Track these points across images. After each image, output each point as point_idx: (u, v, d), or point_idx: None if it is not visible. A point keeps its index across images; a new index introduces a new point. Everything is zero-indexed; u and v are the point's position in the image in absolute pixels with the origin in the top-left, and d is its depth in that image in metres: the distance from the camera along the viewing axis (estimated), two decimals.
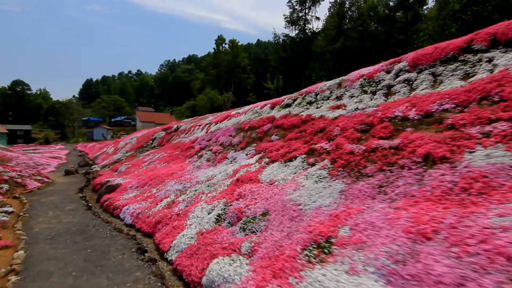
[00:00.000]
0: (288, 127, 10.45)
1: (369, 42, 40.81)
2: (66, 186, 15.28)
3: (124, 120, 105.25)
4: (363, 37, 41.02)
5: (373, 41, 41.06)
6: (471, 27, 41.73)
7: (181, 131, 21.68)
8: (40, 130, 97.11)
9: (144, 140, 25.57)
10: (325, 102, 10.58)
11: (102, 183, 14.02)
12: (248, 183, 7.67)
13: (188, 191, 9.22)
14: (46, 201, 11.85)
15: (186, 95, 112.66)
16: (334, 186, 5.84)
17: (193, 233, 6.29)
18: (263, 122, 12.11)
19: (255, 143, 11.16)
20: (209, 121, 18.78)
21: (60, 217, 9.46)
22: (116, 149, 30.82)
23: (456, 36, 43.87)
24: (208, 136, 15.47)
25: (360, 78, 10.10)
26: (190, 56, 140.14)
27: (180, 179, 10.67)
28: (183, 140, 18.11)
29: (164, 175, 11.90)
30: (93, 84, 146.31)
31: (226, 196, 7.42)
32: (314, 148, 7.90)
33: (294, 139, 9.33)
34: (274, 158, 8.63)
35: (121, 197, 11.18)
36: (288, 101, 12.66)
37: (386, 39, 41.82)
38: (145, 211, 8.83)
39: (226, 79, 48.00)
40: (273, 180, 7.28)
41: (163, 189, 10.21)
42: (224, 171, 9.66)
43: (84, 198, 12.51)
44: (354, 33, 41.65)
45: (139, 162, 17.45)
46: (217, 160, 11.72)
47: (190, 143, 16.36)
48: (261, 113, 13.66)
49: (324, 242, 4.40)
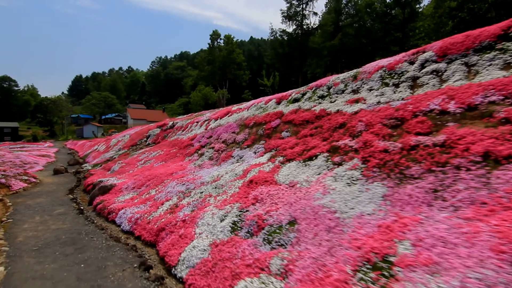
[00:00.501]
0: (300, 123, 9.55)
1: (366, 39, 40.23)
2: (55, 187, 14.09)
3: (115, 118, 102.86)
4: (360, 34, 40.43)
5: (369, 38, 40.50)
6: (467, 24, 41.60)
7: (177, 128, 20.58)
8: (28, 128, 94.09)
9: (138, 138, 24.35)
10: (339, 96, 9.72)
11: (94, 184, 12.90)
12: (264, 185, 6.76)
13: (193, 193, 8.25)
14: (32, 203, 10.70)
15: (178, 93, 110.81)
16: (373, 189, 4.98)
17: (205, 244, 5.34)
18: (271, 117, 11.19)
19: (263, 140, 10.24)
20: (207, 117, 17.76)
21: (48, 222, 8.37)
22: (108, 147, 29.47)
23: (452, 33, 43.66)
24: (208, 133, 14.48)
25: (379, 70, 9.27)
26: (182, 53, 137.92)
27: (182, 179, 9.68)
28: (181, 138, 17.05)
29: (163, 175, 10.89)
30: (82, 81, 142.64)
31: (239, 200, 6.49)
32: (336, 145, 7.03)
33: (310, 136, 8.44)
34: (290, 156, 7.73)
35: (116, 199, 10.13)
36: (296, 95, 11.76)
37: (382, 36, 41.32)
38: (145, 216, 7.84)
39: (221, 75, 46.74)
40: (293, 182, 6.37)
41: (164, 191, 9.21)
42: (231, 171, 8.72)
43: (75, 200, 11.39)
44: (351, 29, 41.02)
45: (133, 161, 16.34)
46: (221, 159, 10.76)
47: (188, 140, 15.33)
48: (266, 108, 12.73)
49: (380, 261, 3.52)
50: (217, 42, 47.59)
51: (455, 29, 41.41)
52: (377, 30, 40.84)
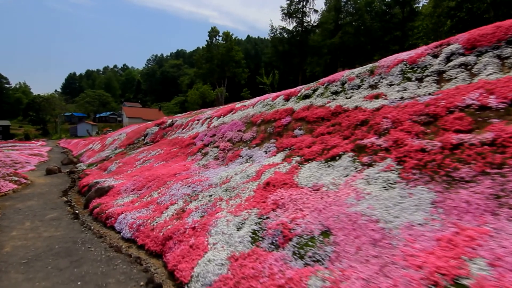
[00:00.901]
0: (314, 120, 8.88)
1: (365, 37, 39.77)
2: (48, 188, 13.21)
3: (109, 116, 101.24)
4: (360, 33, 39.95)
5: (369, 36, 40.05)
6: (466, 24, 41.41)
7: (176, 126, 19.78)
8: (20, 126, 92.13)
9: (135, 136, 23.47)
10: (356, 92, 9.07)
11: (90, 185, 12.08)
12: (283, 188, 6.07)
13: (200, 196, 7.52)
14: (22, 207, 9.85)
15: (174, 91, 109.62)
16: (418, 194, 4.32)
17: (223, 258, 4.63)
18: (280, 115, 10.50)
19: (274, 138, 9.55)
20: (209, 115, 17.00)
21: (40, 229, 7.56)
22: (103, 145, 28.50)
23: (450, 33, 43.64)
24: (212, 131, 13.73)
25: (399, 64, 8.63)
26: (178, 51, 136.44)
27: (187, 181, 8.94)
28: (181, 136, 16.27)
29: (165, 176, 10.13)
30: (76, 79, 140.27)
31: (257, 205, 5.79)
32: (361, 144, 6.37)
33: (328, 134, 7.77)
34: (308, 156, 7.04)
35: (115, 202, 9.35)
36: (306, 91, 11.09)
37: (382, 35, 40.91)
38: (148, 221, 7.09)
39: (219, 73, 45.79)
40: (317, 185, 5.69)
41: (167, 193, 8.46)
42: (242, 172, 8.00)
43: (69, 203, 10.56)
44: (350, 28, 40.52)
45: (131, 160, 15.51)
46: (228, 159, 10.03)
47: (190, 139, 14.57)
48: (274, 105, 12.03)
49: (452, 286, 2.86)
50: (216, 39, 46.69)
51: (453, 28, 41.20)
52: (377, 29, 40.39)
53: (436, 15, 41.61)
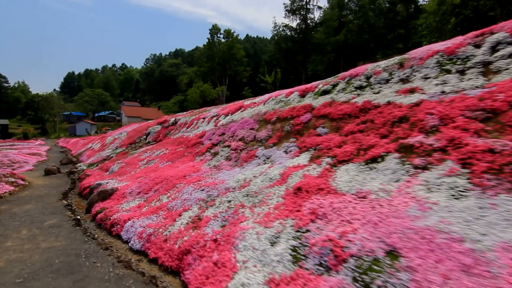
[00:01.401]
0: (339, 117, 8.03)
1: (369, 35, 38.99)
2: (46, 190, 12.30)
3: (108, 115, 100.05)
4: (363, 30, 39.15)
5: (372, 34, 39.26)
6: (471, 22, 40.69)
7: (180, 125, 18.88)
8: (19, 125, 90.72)
9: (137, 135, 22.55)
10: (384, 86, 8.23)
11: (92, 187, 11.19)
12: (319, 194, 5.22)
13: (217, 202, 6.66)
14: (19, 212, 8.96)
15: (173, 90, 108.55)
16: (505, 205, 3.48)
17: (259, 281, 3.78)
18: (298, 112, 9.65)
19: (294, 137, 8.70)
20: (215, 113, 16.12)
21: (38, 239, 6.68)
22: (104, 145, 27.56)
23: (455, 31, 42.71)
24: (220, 130, 12.86)
25: (434, 55, 7.80)
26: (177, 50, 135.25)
27: (199, 183, 8.07)
28: (187, 135, 15.38)
29: (174, 178, 9.26)
30: (75, 78, 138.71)
31: (290, 215, 4.94)
32: (407, 143, 5.53)
33: (359, 132, 6.93)
34: (341, 157, 6.19)
35: (120, 206, 8.48)
36: (325, 87, 10.24)
37: (385, 33, 40.13)
38: (160, 230, 6.23)
39: (220, 71, 44.77)
40: (362, 191, 4.84)
41: (178, 198, 7.60)
42: (263, 175, 7.15)
43: (70, 208, 9.67)
44: (353, 25, 39.73)
45: (134, 160, 14.62)
46: (242, 159, 9.17)
47: (196, 138, 13.68)
48: (288, 102, 11.18)
49: None
50: (217, 37, 45.66)
51: (457, 26, 40.54)
52: (380, 26, 39.61)
53: (441, 13, 40.88)
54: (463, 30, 42.14)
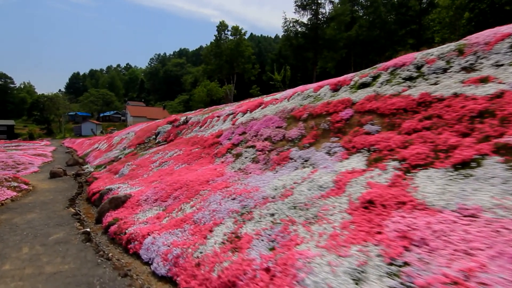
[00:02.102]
0: (392, 112, 6.80)
1: (381, 31, 37.59)
2: (52, 195, 11.19)
3: (113, 115, 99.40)
4: (375, 26, 37.73)
5: (384, 30, 37.84)
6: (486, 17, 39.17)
7: (192, 124, 17.72)
8: (25, 125, 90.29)
9: (145, 135, 21.43)
10: (443, 76, 6.98)
11: (102, 192, 10.07)
12: (401, 209, 4.01)
13: (256, 215, 5.47)
14: (21, 223, 7.83)
15: (177, 90, 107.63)
16: None
17: None
18: (335, 107, 8.43)
19: (335, 136, 7.49)
20: (231, 111, 14.92)
21: (42, 260, 5.53)
22: (111, 145, 26.51)
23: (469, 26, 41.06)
24: (240, 128, 11.67)
25: (504, 39, 6.55)
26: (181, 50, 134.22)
27: (228, 191, 6.90)
28: (201, 135, 14.21)
29: (195, 183, 8.09)
30: (80, 78, 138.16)
31: (369, 238, 3.73)
32: (506, 143, 4.30)
33: (426, 130, 5.70)
34: (414, 161, 4.96)
35: (135, 217, 7.33)
36: (363, 79, 9.01)
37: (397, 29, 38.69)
38: (188, 251, 5.05)
39: (228, 69, 43.42)
40: (467, 207, 3.62)
41: (205, 208, 6.42)
42: (307, 181, 5.95)
43: (78, 217, 8.53)
44: (364, 21, 38.35)
45: (146, 162, 13.48)
46: (273, 162, 7.97)
47: (213, 138, 12.50)
48: (318, 97, 9.97)
49: None
50: (224, 34, 44.33)
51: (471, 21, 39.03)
52: (392, 22, 38.18)
53: (454, 7, 39.36)
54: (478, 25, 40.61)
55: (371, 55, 41.52)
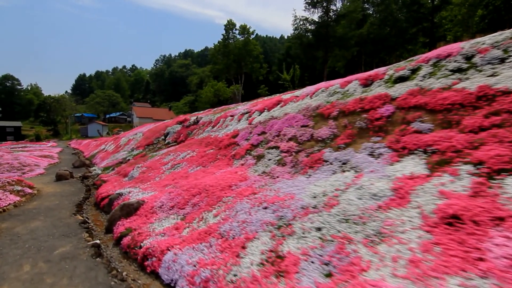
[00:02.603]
0: (445, 108, 5.88)
1: (392, 29, 36.46)
2: (58, 200, 10.41)
3: (119, 116, 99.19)
4: (386, 24, 36.61)
5: (396, 28, 36.70)
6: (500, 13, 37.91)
7: (203, 124, 16.90)
8: (31, 127, 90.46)
9: (154, 136, 20.67)
10: (501, 67, 6.04)
11: (112, 197, 9.27)
12: (501, 227, 3.09)
13: (297, 228, 4.59)
14: (23, 232, 7.04)
15: (183, 91, 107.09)
16: None
17: None
18: (371, 104, 7.52)
19: (377, 135, 6.58)
20: (245, 110, 14.07)
21: (45, 281, 4.71)
22: (118, 146, 25.82)
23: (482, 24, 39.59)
24: (258, 128, 10.81)
25: None
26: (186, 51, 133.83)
27: (256, 198, 6.02)
28: (215, 135, 13.37)
29: (216, 188, 7.23)
30: (86, 80, 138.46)
31: (467, 267, 2.84)
32: None
33: (497, 127, 4.77)
34: (496, 165, 4.01)
35: (151, 227, 6.49)
36: (400, 72, 8.08)
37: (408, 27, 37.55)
38: (219, 272, 4.19)
39: (236, 68, 42.47)
40: None
41: (232, 218, 5.56)
42: (354, 188, 5.05)
43: (86, 226, 7.71)
44: (375, 19, 37.27)
45: (157, 164, 12.66)
46: (304, 164, 7.08)
47: (228, 138, 11.66)
48: (347, 93, 9.07)
49: None
50: (232, 33, 43.42)
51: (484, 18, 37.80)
52: (403, 20, 37.03)
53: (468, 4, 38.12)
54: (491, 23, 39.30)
55: (381, 53, 40.42)
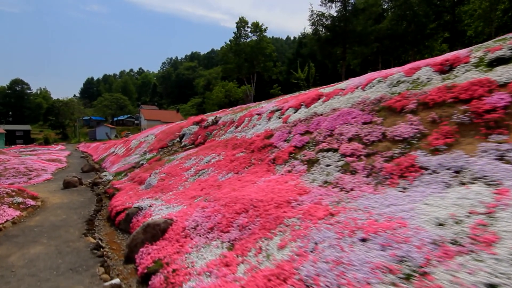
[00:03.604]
0: None
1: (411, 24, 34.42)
2: (65, 214, 8.72)
3: (127, 119, 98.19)
4: (405, 19, 34.57)
5: (415, 23, 34.66)
6: None
7: (223, 124, 15.16)
8: (40, 130, 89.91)
9: (168, 138, 19.01)
10: None
11: (129, 212, 7.54)
12: None
13: (444, 281, 2.77)
14: (19, 263, 5.33)
15: (190, 93, 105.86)
16: None
17: None
18: (470, 92, 5.66)
19: (493, 132, 4.74)
20: (275, 107, 12.28)
21: None
22: (128, 149, 24.23)
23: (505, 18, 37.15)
24: (299, 127, 9.02)
25: None
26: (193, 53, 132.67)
27: (341, 223, 4.22)
28: (241, 136, 11.61)
29: (268, 204, 5.44)
30: (94, 83, 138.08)
31: None
32: None
33: None
34: None
35: (187, 259, 4.73)
36: (497, 53, 6.23)
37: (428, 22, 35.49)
38: None
39: (248, 67, 40.56)
40: None
41: (312, 253, 3.79)
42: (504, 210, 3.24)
43: (101, 253, 5.96)
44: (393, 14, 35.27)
45: (177, 170, 10.93)
46: (389, 173, 5.25)
47: (261, 139, 9.88)
48: (418, 81, 7.24)
49: None
50: (244, 31, 41.51)
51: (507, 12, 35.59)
52: (423, 14, 35.01)
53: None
54: None
55: (399, 50, 38.37)
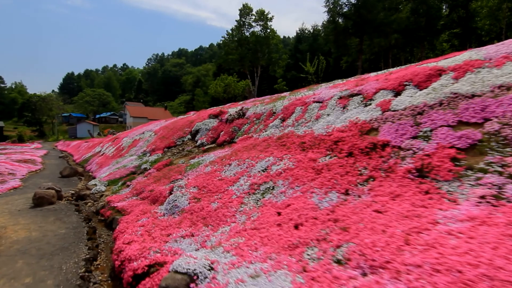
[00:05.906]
0: None
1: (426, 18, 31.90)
2: (28, 275, 4.52)
3: (110, 117, 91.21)
4: (418, 12, 32.00)
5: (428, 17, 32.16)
6: None
7: (256, 118, 11.23)
8: (15, 127, 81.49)
9: (174, 135, 14.79)
10: None
11: (168, 285, 3.48)
12: None
13: None
14: None
15: (177, 90, 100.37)
16: None
17: None
18: None
19: None
20: (347, 91, 8.53)
21: None
22: (120, 149, 19.68)
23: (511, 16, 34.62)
24: (437, 115, 5.32)
25: None
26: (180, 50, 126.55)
27: None
28: (305, 131, 7.75)
29: None
30: (75, 78, 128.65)
31: None
32: None
33: None
34: None
35: None
36: None
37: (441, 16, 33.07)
38: None
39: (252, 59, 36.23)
40: None
41: None
42: None
43: None
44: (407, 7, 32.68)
45: (214, 182, 6.92)
46: None
47: (355, 137, 6.13)
48: None
49: None
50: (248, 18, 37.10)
51: None
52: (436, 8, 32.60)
53: None
54: None
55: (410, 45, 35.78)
